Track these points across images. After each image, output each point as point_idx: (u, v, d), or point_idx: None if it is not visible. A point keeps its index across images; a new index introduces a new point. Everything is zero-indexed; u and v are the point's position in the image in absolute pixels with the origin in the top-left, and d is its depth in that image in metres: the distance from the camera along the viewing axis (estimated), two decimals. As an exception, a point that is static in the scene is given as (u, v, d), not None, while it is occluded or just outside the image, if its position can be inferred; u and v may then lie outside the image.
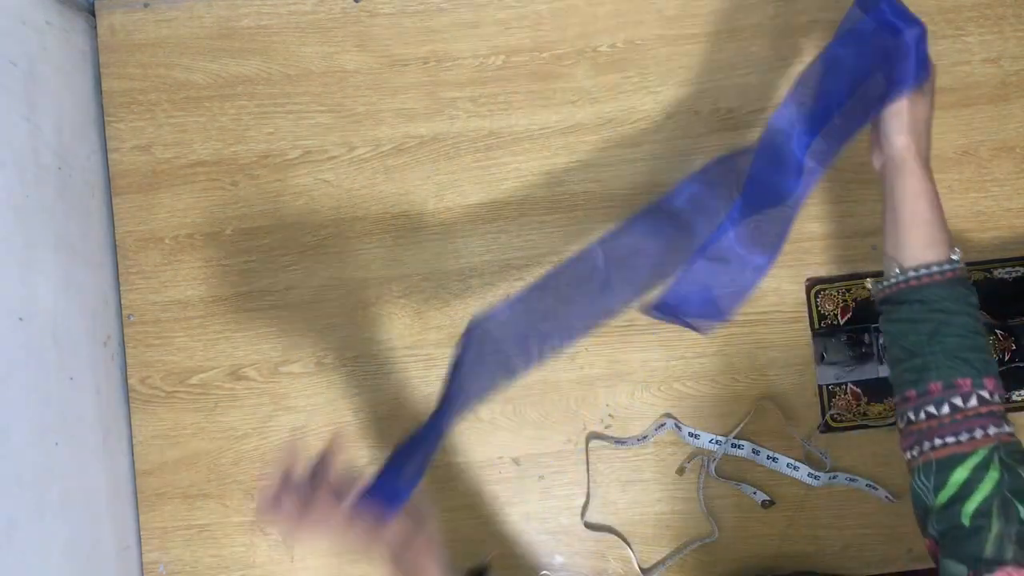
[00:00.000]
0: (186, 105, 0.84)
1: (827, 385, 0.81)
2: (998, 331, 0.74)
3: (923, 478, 0.54)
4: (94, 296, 0.81)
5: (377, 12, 0.85)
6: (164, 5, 0.85)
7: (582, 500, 0.81)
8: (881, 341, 0.80)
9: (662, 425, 0.81)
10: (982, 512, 0.51)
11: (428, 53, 0.84)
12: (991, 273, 0.82)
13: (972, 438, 0.52)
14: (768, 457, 0.80)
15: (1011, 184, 0.83)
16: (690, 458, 0.81)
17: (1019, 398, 0.81)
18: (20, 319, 0.69)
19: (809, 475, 0.79)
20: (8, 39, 0.72)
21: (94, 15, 0.85)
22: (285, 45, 0.84)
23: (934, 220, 0.58)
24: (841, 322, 0.82)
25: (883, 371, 0.81)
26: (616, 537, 0.81)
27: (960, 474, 0.52)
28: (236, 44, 0.84)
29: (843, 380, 0.81)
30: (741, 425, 0.80)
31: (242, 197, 0.84)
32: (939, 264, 0.56)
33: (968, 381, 0.53)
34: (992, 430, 0.52)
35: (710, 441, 0.80)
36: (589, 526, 0.81)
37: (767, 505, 0.80)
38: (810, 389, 0.81)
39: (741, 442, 0.80)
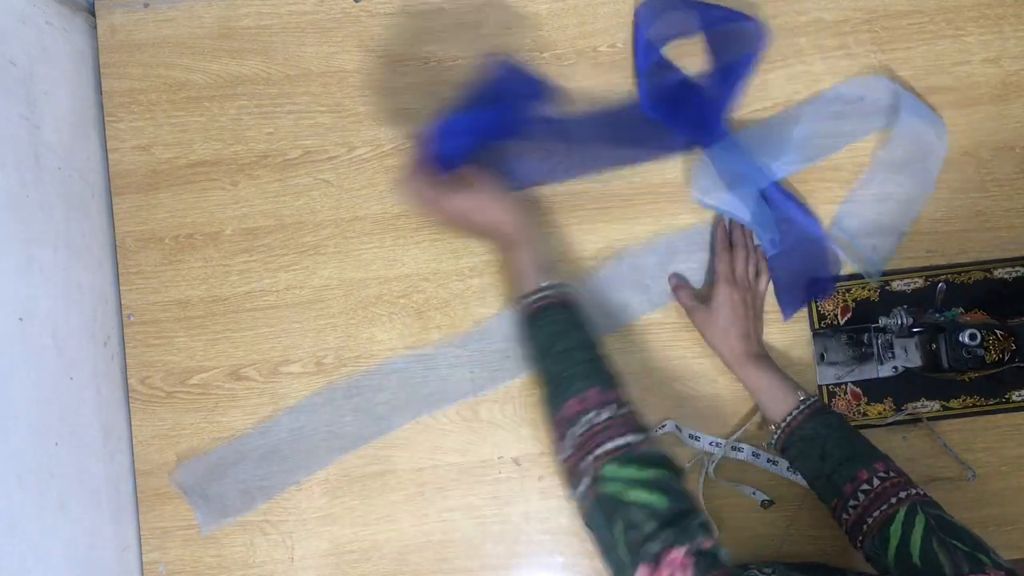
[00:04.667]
0: (186, 105, 0.84)
1: (827, 385, 0.81)
2: (998, 331, 0.74)
3: (871, 547, 0.65)
4: (94, 296, 0.81)
5: (377, 12, 0.85)
6: (164, 5, 0.85)
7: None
8: (881, 341, 0.80)
9: (662, 426, 0.81)
10: (927, 549, 0.60)
11: (428, 53, 0.84)
12: (991, 273, 0.82)
13: (890, 503, 0.63)
14: (768, 460, 0.80)
15: (1011, 184, 0.83)
16: (690, 459, 0.81)
17: (1019, 398, 0.81)
18: (20, 319, 0.69)
19: (809, 475, 0.79)
20: (8, 39, 0.72)
21: (94, 15, 0.85)
22: (285, 45, 0.84)
23: (774, 385, 0.74)
24: (841, 322, 0.82)
25: (883, 371, 0.81)
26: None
27: (895, 529, 0.62)
28: (236, 44, 0.84)
29: (843, 380, 0.81)
30: (742, 429, 0.80)
31: (242, 197, 0.84)
32: (795, 410, 0.72)
33: (864, 472, 0.66)
34: (903, 493, 0.64)
35: (710, 444, 0.80)
36: (589, 526, 0.81)
37: (767, 505, 0.80)
38: (810, 389, 0.81)
39: (741, 445, 0.80)
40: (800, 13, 0.84)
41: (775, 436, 0.73)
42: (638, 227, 0.83)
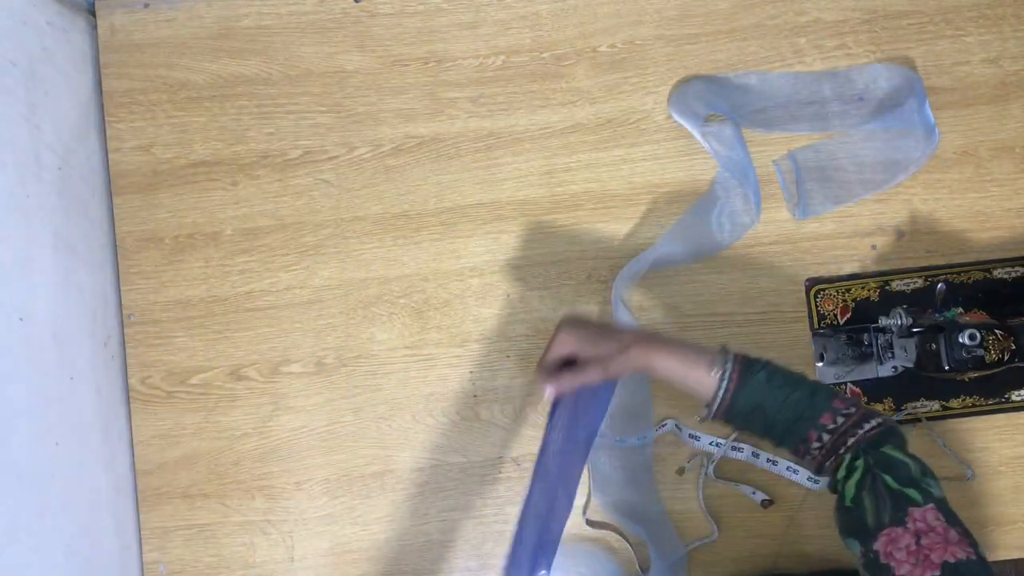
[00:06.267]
0: (186, 105, 0.84)
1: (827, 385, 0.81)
2: (998, 331, 0.74)
3: (829, 488, 0.64)
4: (94, 296, 0.81)
5: (377, 12, 0.85)
6: (164, 5, 0.85)
7: (582, 500, 0.81)
8: (880, 341, 0.80)
9: (663, 425, 0.81)
10: (858, 492, 0.59)
11: (428, 53, 0.84)
12: (991, 273, 0.82)
13: (838, 455, 0.61)
14: (768, 460, 0.80)
15: (1011, 184, 0.83)
16: (690, 458, 0.81)
17: (1019, 398, 0.81)
18: (20, 319, 0.69)
19: (809, 479, 0.79)
20: (8, 39, 0.72)
21: (94, 15, 0.85)
22: (285, 45, 0.84)
23: (688, 365, 0.65)
24: (841, 322, 0.82)
25: (882, 371, 0.81)
26: (616, 537, 0.81)
27: (840, 476, 0.61)
28: (236, 44, 0.84)
29: (843, 380, 0.81)
30: (741, 425, 0.80)
31: (242, 197, 0.84)
32: (721, 381, 0.64)
33: (813, 431, 0.62)
34: (850, 440, 0.61)
35: (710, 443, 0.80)
36: (591, 523, 0.81)
37: (766, 505, 0.80)
38: (810, 389, 0.81)
39: (741, 445, 0.80)
40: (800, 13, 0.84)
41: (708, 417, 0.66)
42: (638, 227, 0.83)
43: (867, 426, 0.61)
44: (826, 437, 0.62)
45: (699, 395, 0.66)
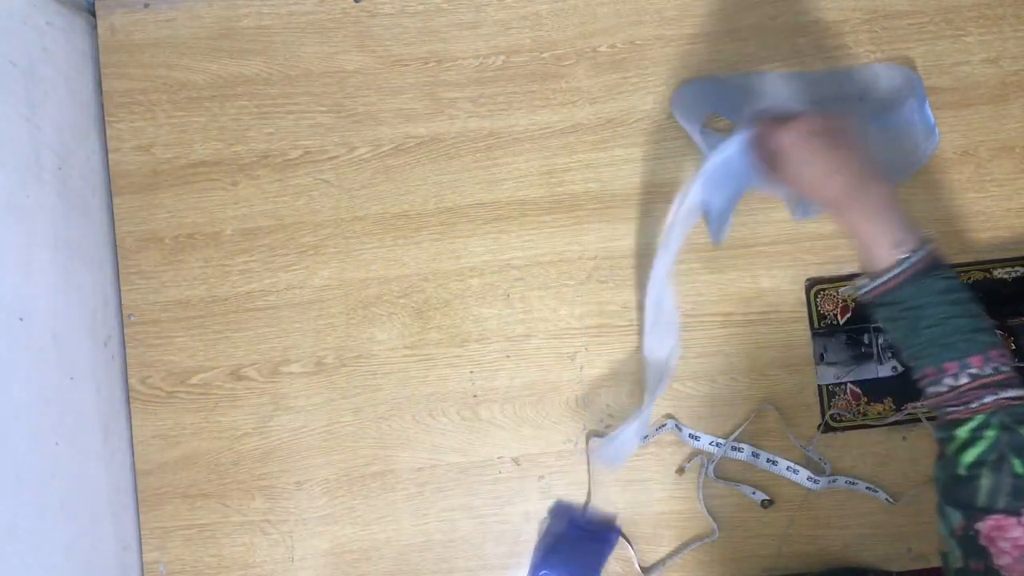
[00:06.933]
0: (186, 105, 0.84)
1: (827, 385, 0.81)
2: (998, 331, 0.74)
3: (939, 431, 0.60)
4: (94, 296, 0.81)
5: (377, 12, 0.85)
6: (164, 5, 0.85)
7: (582, 500, 0.81)
8: (880, 341, 0.80)
9: (663, 425, 0.81)
10: (977, 464, 0.55)
11: (428, 53, 0.84)
12: (991, 273, 0.82)
13: (969, 407, 0.57)
14: (768, 460, 0.80)
15: (1011, 184, 0.83)
16: (690, 458, 0.81)
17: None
18: (20, 319, 0.69)
19: (809, 479, 0.79)
20: (8, 39, 0.72)
21: (94, 15, 0.85)
22: (285, 45, 0.84)
23: (868, 236, 0.61)
24: (841, 322, 0.82)
25: (882, 371, 0.81)
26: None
27: (962, 432, 0.57)
28: (236, 44, 0.84)
29: (843, 380, 0.81)
30: (741, 428, 0.80)
31: (242, 197, 0.84)
32: (897, 266, 0.60)
33: (954, 364, 0.58)
34: (988, 399, 0.56)
35: (710, 443, 0.80)
36: (589, 526, 0.81)
37: (766, 505, 0.80)
38: (810, 389, 0.82)
39: (741, 445, 0.80)
40: (800, 13, 0.84)
41: (861, 291, 0.62)
42: (638, 227, 0.83)
43: (1011, 393, 0.56)
44: (964, 380, 0.57)
45: (868, 262, 0.62)
